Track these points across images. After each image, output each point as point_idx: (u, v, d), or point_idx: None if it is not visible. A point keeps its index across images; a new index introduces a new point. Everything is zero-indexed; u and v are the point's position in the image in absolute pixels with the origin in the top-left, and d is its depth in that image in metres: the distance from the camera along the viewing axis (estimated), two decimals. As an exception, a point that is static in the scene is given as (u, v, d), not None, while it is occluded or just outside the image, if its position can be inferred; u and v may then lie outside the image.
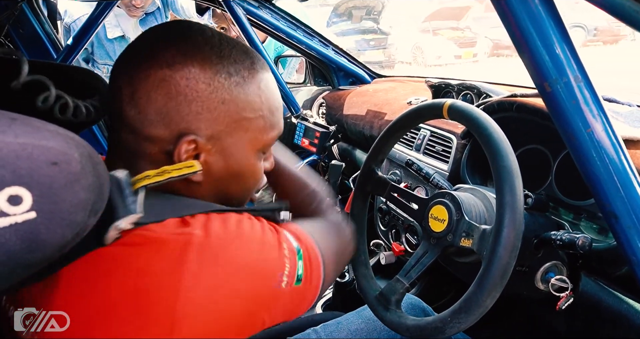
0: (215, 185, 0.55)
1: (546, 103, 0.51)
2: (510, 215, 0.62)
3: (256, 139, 0.55)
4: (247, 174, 0.57)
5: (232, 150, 0.54)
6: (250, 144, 0.55)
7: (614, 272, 0.77)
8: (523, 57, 0.49)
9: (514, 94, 0.91)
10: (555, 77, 0.46)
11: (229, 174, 0.55)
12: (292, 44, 1.79)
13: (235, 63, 0.51)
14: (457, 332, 0.68)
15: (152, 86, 0.48)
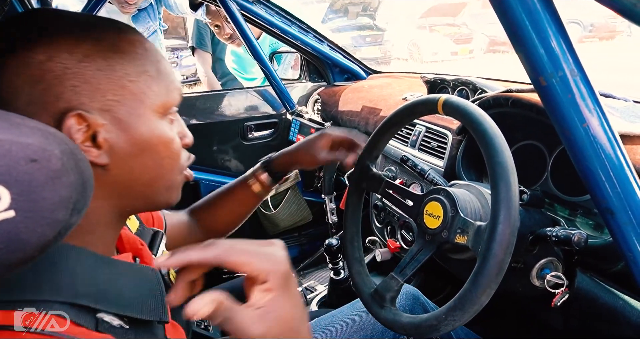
0: (127, 167, 0.49)
1: (542, 98, 0.50)
2: (506, 211, 0.61)
3: (150, 102, 0.50)
4: (157, 144, 0.51)
5: (129, 120, 0.48)
6: (146, 108, 0.50)
7: (609, 268, 0.76)
8: (518, 51, 0.48)
9: (509, 89, 0.90)
10: (551, 71, 0.45)
11: (136, 148, 0.49)
12: (286, 40, 1.78)
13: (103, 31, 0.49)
14: (452, 329, 0.67)
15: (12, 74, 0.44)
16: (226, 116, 1.92)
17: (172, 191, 0.56)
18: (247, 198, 0.93)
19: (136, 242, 0.60)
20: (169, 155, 0.53)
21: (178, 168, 0.55)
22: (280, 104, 1.94)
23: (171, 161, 0.54)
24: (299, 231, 2.18)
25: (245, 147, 1.98)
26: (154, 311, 0.46)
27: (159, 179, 0.53)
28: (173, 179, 0.55)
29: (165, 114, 0.53)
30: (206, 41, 2.57)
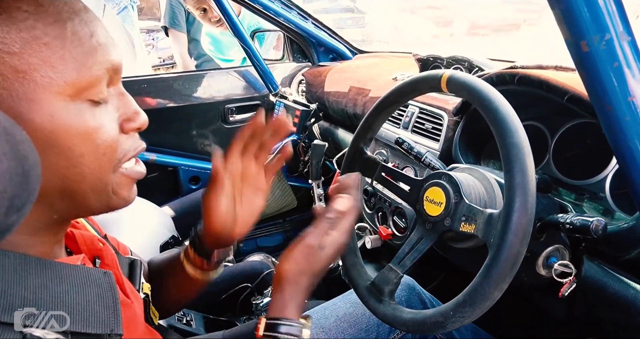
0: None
1: (582, 66, 0.43)
2: (522, 198, 0.55)
3: (48, 82, 0.37)
4: (67, 137, 0.39)
5: (17, 107, 0.36)
6: (43, 90, 0.37)
7: (621, 256, 0.72)
8: (556, 8, 0.41)
9: (513, 65, 0.84)
10: (596, 33, 0.38)
11: (43, 146, 0.37)
12: (269, 17, 1.68)
13: None
14: (459, 326, 0.62)
15: None
16: (205, 98, 1.82)
17: (106, 195, 0.44)
18: (186, 282, 0.71)
19: (94, 242, 0.51)
20: (92, 150, 0.41)
21: (109, 165, 0.43)
22: (263, 85, 1.85)
23: (97, 157, 0.41)
24: (284, 217, 2.12)
25: (226, 131, 1.88)
26: (103, 322, 0.38)
27: (82, 181, 0.41)
28: (105, 179, 0.43)
29: (81, 97, 0.40)
30: (180, 20, 2.43)
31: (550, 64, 0.83)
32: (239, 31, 1.63)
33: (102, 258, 0.51)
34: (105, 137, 0.42)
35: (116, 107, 0.44)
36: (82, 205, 0.44)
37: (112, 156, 0.43)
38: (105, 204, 0.45)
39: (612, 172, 0.82)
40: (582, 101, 0.70)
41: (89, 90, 0.40)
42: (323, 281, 1.26)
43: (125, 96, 0.46)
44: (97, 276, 0.41)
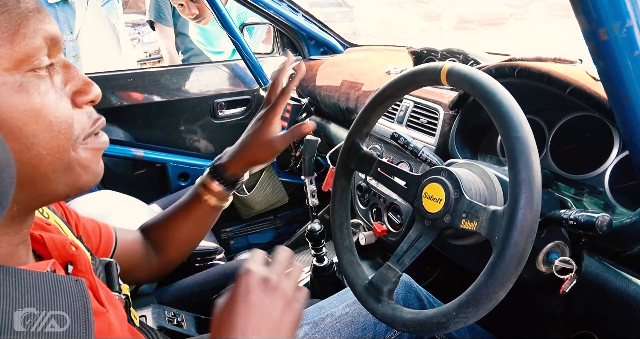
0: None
1: (599, 56, 0.41)
2: (527, 194, 0.53)
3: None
4: (15, 117, 0.35)
5: None
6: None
7: (623, 251, 0.71)
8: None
9: (512, 58, 0.82)
10: (616, 20, 0.36)
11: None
12: (258, 9, 1.64)
13: None
14: (462, 327, 0.60)
15: None
16: (194, 92, 1.78)
17: (71, 173, 0.41)
18: (204, 214, 0.79)
19: (66, 246, 0.47)
20: (44, 128, 0.37)
21: (68, 143, 0.40)
22: (253, 80, 1.81)
23: (53, 136, 0.38)
24: (275, 213, 2.09)
25: (215, 126, 1.85)
26: (73, 334, 0.35)
27: (40, 164, 0.38)
28: (65, 158, 0.40)
29: (20, 68, 0.36)
30: (165, 14, 2.37)
31: (549, 56, 0.81)
32: (227, 24, 1.59)
33: (75, 263, 0.47)
34: (58, 114, 0.39)
35: (63, 80, 0.41)
36: (45, 190, 0.40)
37: (68, 132, 0.40)
38: (73, 185, 0.42)
39: (611, 166, 0.80)
40: (584, 94, 0.68)
41: (28, 60, 0.37)
42: (317, 279, 1.24)
43: (72, 67, 0.42)
44: (67, 284, 0.37)
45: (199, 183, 0.78)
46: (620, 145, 0.79)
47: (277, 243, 2.07)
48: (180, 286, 1.21)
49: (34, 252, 0.46)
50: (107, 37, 1.91)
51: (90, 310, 0.36)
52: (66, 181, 0.41)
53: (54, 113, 0.38)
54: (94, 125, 0.44)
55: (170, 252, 0.80)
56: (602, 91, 0.67)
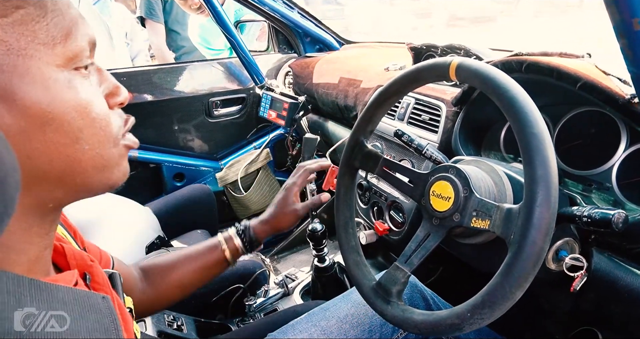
0: (29, 150, 0.35)
1: (630, 47, 0.40)
2: (544, 191, 0.52)
3: (39, 51, 0.35)
4: (65, 112, 0.37)
5: (9, 83, 0.34)
6: (34, 61, 0.35)
7: (634, 248, 0.70)
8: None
9: (518, 52, 0.81)
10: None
11: (34, 122, 0.35)
12: (253, 6, 1.61)
13: None
14: (476, 328, 0.58)
15: None
16: (189, 91, 1.75)
17: (108, 169, 0.43)
18: (214, 264, 0.84)
19: (84, 258, 0.47)
20: (89, 123, 0.39)
21: (109, 139, 0.42)
22: (248, 78, 1.79)
23: (95, 131, 0.40)
24: (271, 213, 2.07)
25: (210, 125, 1.82)
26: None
27: (82, 158, 0.39)
28: (104, 154, 0.42)
29: (69, 66, 0.38)
30: (157, 11, 2.33)
31: (555, 51, 0.80)
32: (222, 21, 1.56)
33: (93, 275, 0.46)
34: (98, 111, 0.41)
35: (98, 81, 0.43)
36: (82, 186, 0.41)
37: (108, 129, 0.42)
38: (106, 182, 0.43)
39: (618, 162, 0.79)
40: (595, 88, 0.67)
41: (75, 59, 0.39)
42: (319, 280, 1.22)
43: (103, 71, 0.45)
44: (95, 301, 0.36)
45: (222, 235, 0.86)
46: (627, 140, 0.78)
47: (274, 243, 2.04)
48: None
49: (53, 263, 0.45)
50: (99, 35, 1.87)
51: (120, 328, 0.36)
52: (101, 178, 0.42)
53: (96, 110, 0.40)
54: (125, 124, 0.46)
55: (167, 294, 0.81)
56: (613, 86, 0.66)
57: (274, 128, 1.89)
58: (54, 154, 0.37)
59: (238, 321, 1.19)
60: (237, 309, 1.20)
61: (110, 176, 0.43)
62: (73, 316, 0.33)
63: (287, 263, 1.92)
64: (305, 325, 0.87)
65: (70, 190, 0.41)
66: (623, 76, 0.65)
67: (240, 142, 1.90)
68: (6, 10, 0.34)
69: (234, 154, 1.87)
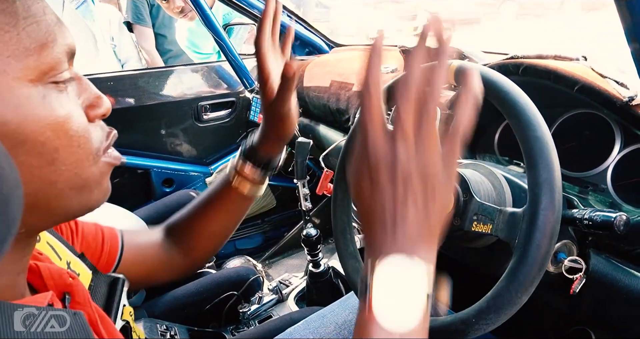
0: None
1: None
2: (549, 195, 0.52)
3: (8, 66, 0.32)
4: (39, 131, 0.34)
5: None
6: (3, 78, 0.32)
7: (632, 249, 0.70)
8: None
9: (514, 55, 0.81)
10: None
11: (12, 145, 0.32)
12: (242, 9, 1.60)
13: None
14: (481, 334, 0.58)
15: None
16: (177, 95, 1.72)
17: (86, 191, 0.39)
18: (237, 204, 0.72)
19: (63, 277, 0.43)
20: (66, 143, 0.36)
21: (88, 156, 0.38)
22: (237, 81, 1.77)
23: (73, 150, 0.37)
24: (262, 218, 2.05)
25: (199, 130, 1.80)
26: None
27: (58, 180, 0.36)
28: (83, 174, 0.38)
29: (43, 80, 0.35)
30: (144, 15, 2.30)
31: (549, 54, 0.80)
32: (211, 24, 1.54)
33: (73, 294, 0.43)
34: (76, 127, 0.37)
35: (77, 92, 0.39)
36: (57, 210, 0.38)
37: (87, 147, 0.38)
38: (85, 204, 0.40)
39: (613, 164, 0.80)
40: (593, 91, 0.67)
41: (50, 72, 0.35)
42: (314, 286, 1.21)
43: (83, 80, 0.41)
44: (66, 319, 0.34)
45: (231, 169, 0.70)
46: (621, 142, 0.79)
47: (265, 248, 2.03)
48: (172, 298, 1.17)
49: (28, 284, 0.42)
50: (83, 40, 1.84)
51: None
52: (79, 199, 0.38)
53: (74, 126, 0.36)
54: (107, 138, 0.42)
55: (198, 251, 0.74)
56: (611, 88, 0.66)
57: (264, 132, 1.87)
58: (27, 177, 0.33)
59: (232, 329, 1.17)
60: (230, 317, 1.18)
61: (89, 197, 0.40)
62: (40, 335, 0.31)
63: (280, 268, 1.90)
64: (302, 332, 0.86)
65: (45, 215, 0.37)
66: (620, 79, 0.66)
67: (230, 146, 1.88)
68: None
69: (224, 159, 1.85)
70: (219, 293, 1.19)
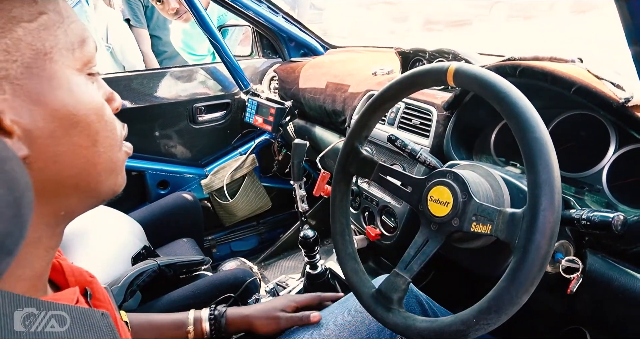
0: (53, 153, 0.36)
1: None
2: (548, 196, 0.52)
3: (62, 56, 0.37)
4: (87, 114, 0.38)
5: (38, 86, 0.34)
6: (58, 65, 0.36)
7: (629, 249, 0.71)
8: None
9: (510, 57, 0.81)
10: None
11: (61, 125, 0.36)
12: (237, 11, 1.59)
13: None
14: (482, 334, 0.58)
15: None
16: (172, 97, 1.71)
17: (115, 173, 0.43)
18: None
19: (83, 274, 0.46)
20: (103, 126, 0.40)
21: (117, 143, 0.43)
22: (232, 83, 1.76)
23: (108, 135, 0.41)
24: (257, 219, 2.05)
25: (194, 131, 1.79)
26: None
27: (98, 161, 0.40)
28: (114, 158, 0.42)
29: (84, 71, 0.39)
30: (139, 17, 2.30)
31: (545, 56, 0.81)
32: (207, 26, 1.54)
33: (93, 292, 0.45)
34: (109, 114, 0.42)
35: (98, 86, 0.43)
36: (93, 192, 0.41)
37: (116, 134, 0.43)
38: (113, 187, 0.43)
39: (608, 164, 0.81)
40: (590, 93, 0.68)
41: (89, 64, 0.40)
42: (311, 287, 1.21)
43: (98, 76, 0.45)
44: (95, 319, 0.35)
45: (193, 314, 0.84)
46: (616, 143, 0.80)
47: (260, 250, 2.02)
48: (168, 300, 1.15)
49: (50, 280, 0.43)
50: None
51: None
52: (110, 183, 0.42)
53: (107, 113, 0.41)
54: (125, 129, 0.46)
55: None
56: (607, 90, 0.67)
57: (259, 133, 1.87)
58: (76, 157, 0.38)
59: (230, 331, 1.16)
60: (228, 319, 1.18)
61: (116, 181, 0.43)
62: (74, 334, 0.32)
63: (275, 269, 1.90)
64: (301, 334, 0.85)
65: (83, 195, 0.40)
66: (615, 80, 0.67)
67: (225, 148, 1.87)
68: (31, 15, 0.35)
69: (219, 161, 1.84)
70: (216, 296, 1.18)
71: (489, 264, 0.80)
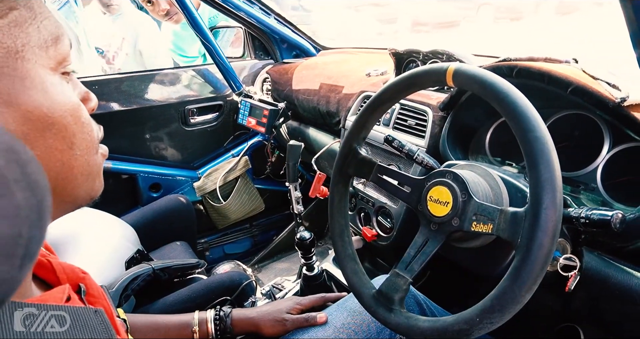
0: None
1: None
2: (550, 194, 0.53)
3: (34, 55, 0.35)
4: (62, 115, 0.36)
5: (11, 87, 0.33)
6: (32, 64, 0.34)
7: (625, 246, 0.72)
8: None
9: (506, 58, 0.82)
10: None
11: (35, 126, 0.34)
12: (230, 12, 1.59)
13: None
14: (485, 332, 0.59)
15: None
16: (164, 99, 1.69)
17: (92, 177, 0.41)
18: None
19: (75, 271, 0.44)
20: (80, 128, 0.38)
21: (94, 145, 0.41)
22: (225, 85, 1.75)
23: (84, 137, 0.39)
24: (250, 222, 2.04)
25: (186, 133, 1.77)
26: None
27: (74, 165, 0.38)
28: (91, 161, 0.40)
29: (58, 70, 0.38)
30: None
31: (540, 56, 0.82)
32: (199, 26, 1.53)
33: (87, 287, 0.44)
34: (85, 115, 0.40)
35: (74, 84, 0.42)
36: (70, 197, 0.40)
37: (92, 136, 0.41)
38: (89, 192, 0.42)
39: (602, 163, 0.82)
40: (586, 93, 0.69)
41: (64, 63, 0.38)
42: (308, 289, 1.21)
43: (73, 76, 0.43)
44: (88, 317, 0.34)
45: (199, 315, 0.85)
46: (610, 142, 0.81)
47: (254, 252, 2.01)
48: (163, 304, 1.14)
49: (40, 279, 0.42)
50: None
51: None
52: (87, 188, 0.40)
53: (84, 114, 0.39)
54: (100, 130, 0.44)
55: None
56: (603, 90, 0.68)
57: (252, 135, 1.86)
58: (51, 161, 0.36)
59: (226, 334, 1.15)
60: (224, 322, 1.17)
61: (93, 185, 0.42)
62: (68, 335, 0.32)
63: (269, 272, 1.89)
64: (301, 335, 0.85)
65: (59, 200, 0.38)
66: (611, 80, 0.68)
67: (217, 150, 1.86)
68: (1, 11, 0.33)
69: (211, 163, 1.83)
70: (212, 298, 1.17)
71: (487, 263, 0.81)
